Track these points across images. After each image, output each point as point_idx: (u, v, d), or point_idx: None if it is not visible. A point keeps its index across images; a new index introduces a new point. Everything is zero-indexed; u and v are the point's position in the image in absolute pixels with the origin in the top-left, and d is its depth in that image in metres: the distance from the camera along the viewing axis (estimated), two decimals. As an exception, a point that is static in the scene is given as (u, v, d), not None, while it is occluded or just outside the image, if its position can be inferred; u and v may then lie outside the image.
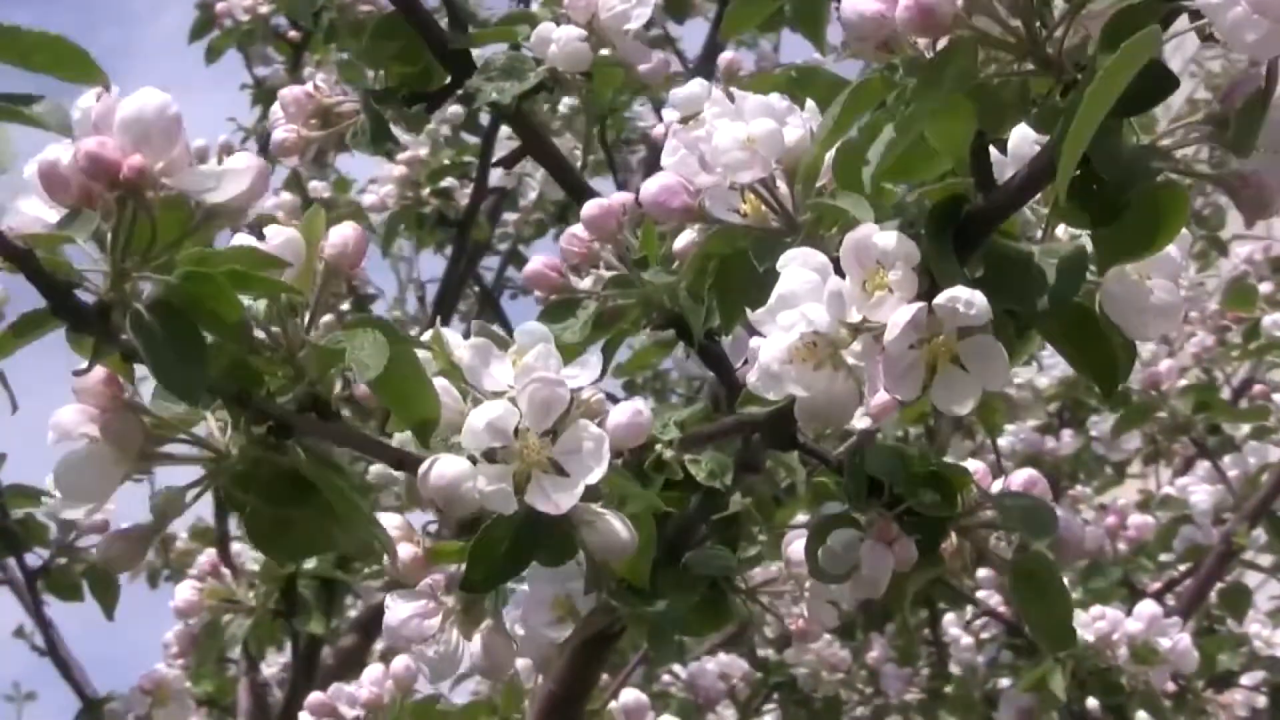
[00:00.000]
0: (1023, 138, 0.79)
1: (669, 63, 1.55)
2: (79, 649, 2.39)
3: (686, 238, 0.93)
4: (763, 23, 1.65)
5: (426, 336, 0.86)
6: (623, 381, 3.24)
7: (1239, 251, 3.06)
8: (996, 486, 1.06)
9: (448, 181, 2.41)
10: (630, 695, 1.66)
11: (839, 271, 0.76)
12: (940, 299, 0.72)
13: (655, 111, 2.59)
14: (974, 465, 1.05)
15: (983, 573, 1.73)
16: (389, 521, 0.80)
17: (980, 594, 2.35)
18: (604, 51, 1.30)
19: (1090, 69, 0.64)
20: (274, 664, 2.79)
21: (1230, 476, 2.47)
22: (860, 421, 0.97)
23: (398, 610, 0.80)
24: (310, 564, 1.98)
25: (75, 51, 0.63)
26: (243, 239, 0.72)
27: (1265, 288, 2.63)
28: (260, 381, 0.74)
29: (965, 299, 0.71)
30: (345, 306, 2.45)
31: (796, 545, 1.11)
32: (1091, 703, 1.85)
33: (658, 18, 2.49)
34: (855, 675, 2.61)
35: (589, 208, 1.06)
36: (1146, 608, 1.84)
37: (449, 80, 1.40)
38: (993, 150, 0.79)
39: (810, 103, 0.89)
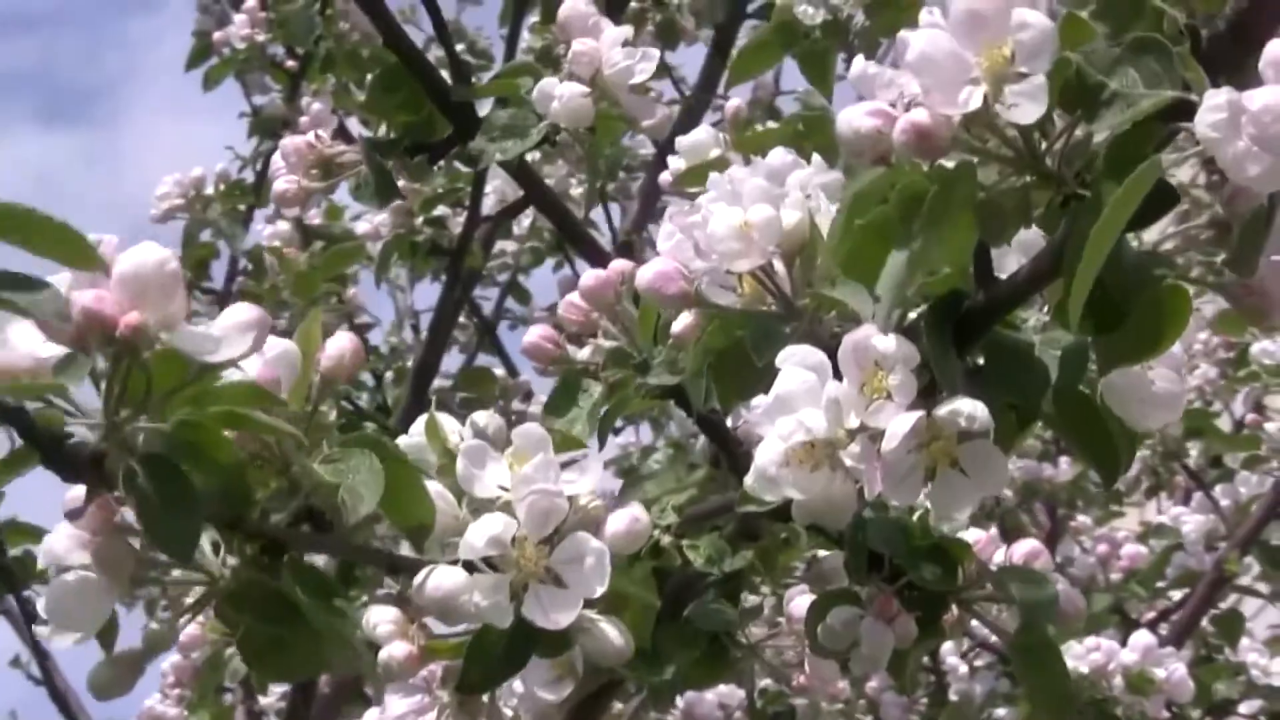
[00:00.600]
0: (1027, 225, 0.79)
1: (672, 116, 1.54)
2: (75, 677, 2.38)
3: (685, 320, 0.92)
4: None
5: (421, 424, 0.85)
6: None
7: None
8: (999, 556, 1.06)
9: (440, 209, 2.40)
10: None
11: (836, 367, 0.75)
12: (941, 412, 0.71)
13: (654, 142, 2.58)
14: (974, 535, 1.04)
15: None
16: (384, 615, 0.80)
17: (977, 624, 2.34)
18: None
19: (1095, 194, 0.64)
20: (270, 693, 2.78)
21: (1223, 506, 2.48)
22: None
23: (393, 707, 0.79)
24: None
25: (76, 238, 0.63)
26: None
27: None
28: (253, 501, 0.74)
29: (967, 413, 0.70)
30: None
31: (798, 602, 1.10)
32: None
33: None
34: (854, 705, 2.59)
35: (586, 279, 1.04)
36: (1141, 638, 1.83)
37: (452, 130, 1.40)
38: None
39: (816, 156, 0.89)
